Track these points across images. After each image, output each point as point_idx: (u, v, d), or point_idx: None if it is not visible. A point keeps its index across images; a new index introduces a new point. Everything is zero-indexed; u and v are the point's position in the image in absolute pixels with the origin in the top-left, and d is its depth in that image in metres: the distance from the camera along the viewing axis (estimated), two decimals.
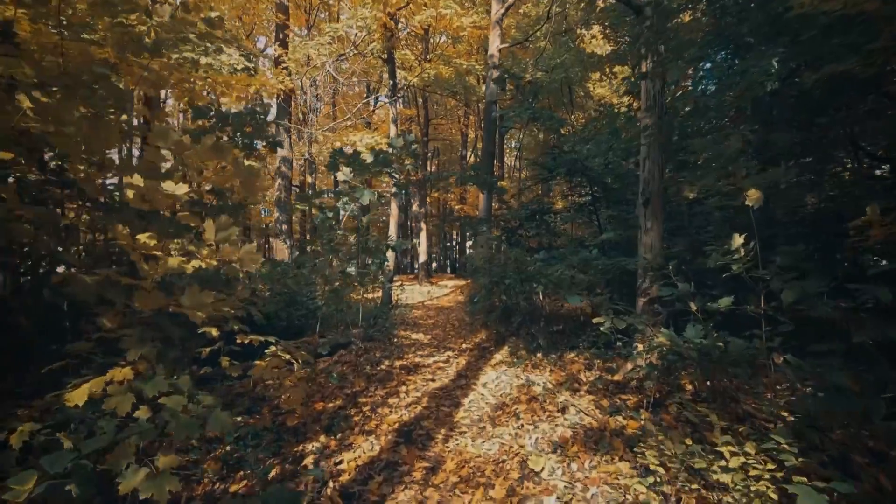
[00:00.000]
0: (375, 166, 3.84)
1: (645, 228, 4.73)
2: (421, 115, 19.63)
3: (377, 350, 6.39)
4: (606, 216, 7.00)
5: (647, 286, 4.63)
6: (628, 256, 6.14)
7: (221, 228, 2.30)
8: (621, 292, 5.42)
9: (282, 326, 6.88)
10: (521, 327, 7.37)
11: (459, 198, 21.39)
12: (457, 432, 3.62)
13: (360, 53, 10.51)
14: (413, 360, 5.96)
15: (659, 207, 4.72)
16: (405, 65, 13.92)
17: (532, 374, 5.11)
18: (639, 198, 4.84)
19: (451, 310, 11.13)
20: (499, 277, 6.35)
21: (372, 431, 3.58)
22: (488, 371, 5.36)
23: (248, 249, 2.39)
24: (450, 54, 13.79)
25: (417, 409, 4.13)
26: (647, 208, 4.70)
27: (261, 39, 22.39)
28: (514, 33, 12.78)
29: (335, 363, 5.94)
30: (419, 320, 9.55)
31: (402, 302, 12.07)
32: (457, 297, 14.17)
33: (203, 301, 2.20)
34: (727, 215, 4.67)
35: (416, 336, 7.70)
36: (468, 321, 9.03)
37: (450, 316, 10.09)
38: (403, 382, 4.90)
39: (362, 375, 5.08)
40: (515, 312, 7.22)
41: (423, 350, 6.64)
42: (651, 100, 4.77)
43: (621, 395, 4.07)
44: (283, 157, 13.14)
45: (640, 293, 4.68)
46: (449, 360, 5.99)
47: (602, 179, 6.42)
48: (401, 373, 5.35)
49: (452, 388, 4.76)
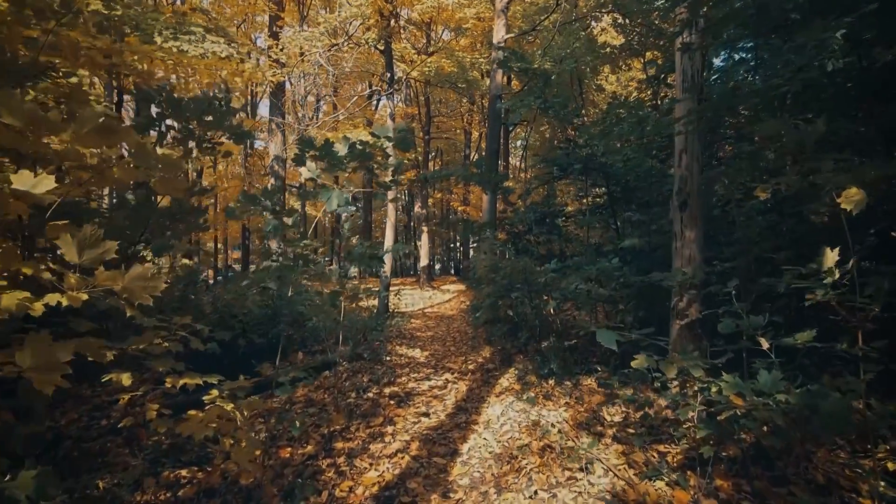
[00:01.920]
0: (352, 160, 3.06)
1: (681, 236, 3.93)
2: (423, 113, 18.87)
3: (365, 373, 5.61)
4: (626, 220, 6.19)
5: (684, 307, 3.83)
6: (653, 266, 5.34)
7: (88, 245, 1.53)
8: (648, 310, 4.62)
9: (261, 345, 6.14)
10: (529, 343, 6.59)
11: (462, 199, 20.60)
12: (452, 499, 2.83)
13: (354, 43, 9.77)
14: (406, 386, 5.18)
15: (698, 211, 3.92)
16: (405, 58, 13.17)
17: (544, 407, 4.32)
18: (673, 199, 4.04)
19: (452, 319, 10.34)
20: (505, 290, 5.56)
21: (343, 501, 2.80)
22: (492, 402, 4.57)
23: (137, 275, 1.62)
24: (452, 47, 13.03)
25: (405, 460, 3.34)
26: (685, 212, 3.91)
27: (259, 38, 21.75)
28: (521, 24, 12.00)
29: (317, 388, 5.18)
30: (417, 331, 8.77)
31: (400, 310, 11.31)
32: (459, 302, 13.39)
33: (54, 359, 1.43)
34: (793, 223, 3.85)
35: (412, 352, 6.93)
36: (470, 334, 8.24)
37: (451, 326, 9.31)
38: (391, 420, 4.12)
39: (343, 409, 4.30)
40: (523, 327, 6.43)
41: (419, 371, 5.86)
42: (689, 80, 3.97)
43: (657, 446, 3.27)
44: (276, 155, 12.43)
45: (676, 314, 3.88)
46: (447, 386, 5.21)
47: (623, 178, 5.62)
48: (390, 403, 4.58)
49: (449, 426, 3.98)
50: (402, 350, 7.04)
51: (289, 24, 12.57)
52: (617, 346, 2.28)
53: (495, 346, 6.75)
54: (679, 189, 3.94)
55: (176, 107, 3.48)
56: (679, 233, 3.92)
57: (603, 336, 2.22)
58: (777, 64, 4.10)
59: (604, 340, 2.20)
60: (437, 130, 23.22)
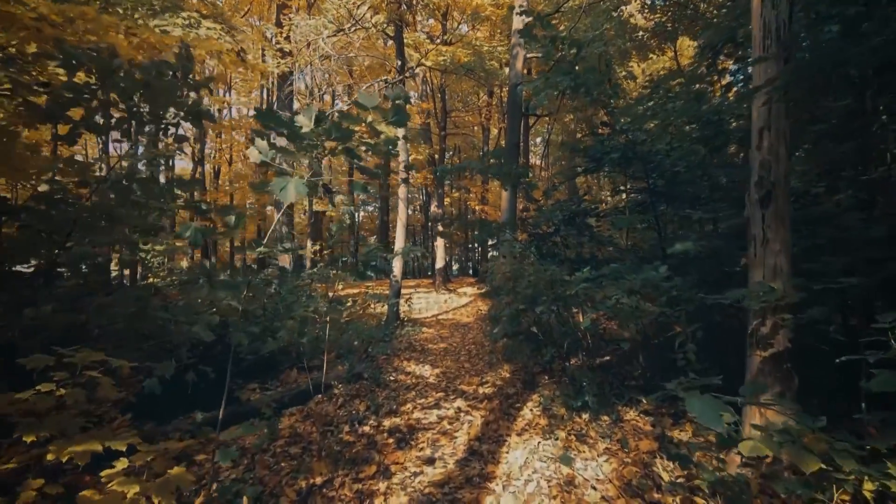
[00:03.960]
0: (326, 138, 2.27)
1: (762, 240, 3.00)
2: (438, 108, 18.06)
3: (364, 398, 4.83)
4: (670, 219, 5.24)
5: (767, 333, 2.91)
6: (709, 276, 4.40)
7: None
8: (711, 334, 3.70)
9: (248, 362, 5.42)
10: (555, 361, 5.70)
11: (480, 197, 19.68)
12: None
13: (362, 27, 9.02)
14: (409, 417, 4.37)
15: (787, 207, 2.99)
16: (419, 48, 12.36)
17: (578, 453, 3.45)
18: (749, 192, 3.12)
19: (468, 328, 9.50)
20: (528, 301, 4.70)
21: None
22: (513, 444, 3.72)
23: None
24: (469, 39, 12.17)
25: None
26: (768, 209, 2.98)
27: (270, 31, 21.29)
28: (544, 6, 11.07)
29: (305, 418, 4.42)
30: (429, 343, 7.95)
31: (412, 317, 10.52)
32: (477, 307, 12.53)
33: None
34: None
35: (420, 370, 6.12)
36: (487, 347, 7.39)
37: (466, 337, 8.46)
38: (387, 469, 3.30)
39: (328, 453, 3.51)
40: (548, 342, 5.55)
41: (427, 395, 5.04)
42: (771, 38, 3.04)
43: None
44: None
45: (757, 343, 2.96)
46: (459, 417, 4.38)
47: (669, 169, 4.68)
48: (388, 442, 3.77)
49: (459, 481, 3.14)
50: (409, 367, 6.24)
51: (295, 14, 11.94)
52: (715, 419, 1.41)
53: (515, 365, 5.89)
54: (760, 179, 3.02)
55: (105, 73, 2.73)
56: (759, 236, 3.00)
57: (699, 408, 1.36)
58: None
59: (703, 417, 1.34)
60: (454, 127, 22.37)
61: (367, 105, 2.43)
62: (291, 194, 2.00)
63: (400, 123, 2.55)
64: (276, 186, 2.01)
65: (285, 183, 2.02)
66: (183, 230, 1.78)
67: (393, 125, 2.55)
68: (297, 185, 2.03)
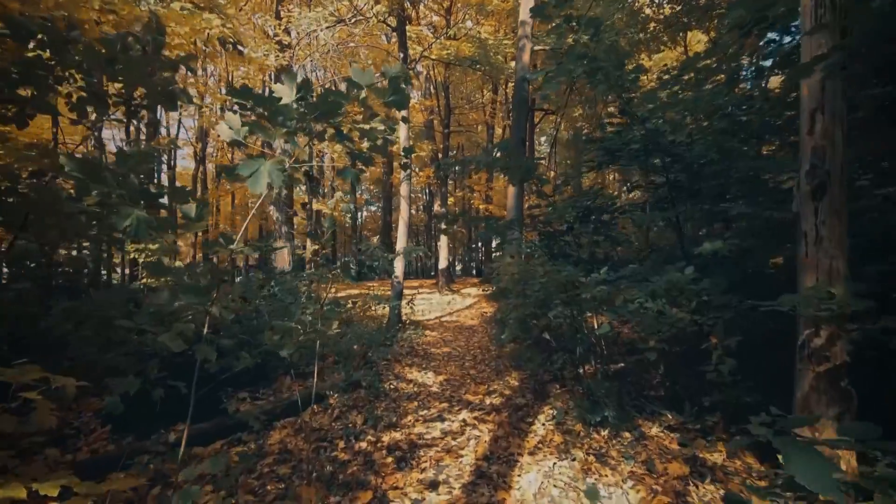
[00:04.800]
0: (309, 114, 1.91)
1: (814, 238, 2.61)
2: (442, 105, 17.69)
3: (362, 409, 4.47)
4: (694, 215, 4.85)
5: (822, 345, 2.52)
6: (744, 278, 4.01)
7: None
8: (752, 344, 3.31)
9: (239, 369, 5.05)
10: (566, 367, 5.32)
11: (484, 196, 19.29)
12: None
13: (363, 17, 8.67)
14: (411, 432, 4.00)
15: (843, 199, 2.60)
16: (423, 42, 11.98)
17: (599, 476, 3.07)
18: (799, 183, 2.74)
19: (473, 330, 9.12)
20: (539, 306, 4.32)
21: None
22: (525, 465, 3.34)
23: None
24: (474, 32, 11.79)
25: None
26: (822, 201, 2.59)
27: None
28: None
29: (297, 432, 4.06)
30: (432, 347, 7.59)
31: (415, 318, 10.16)
32: (481, 308, 12.15)
33: None
34: None
35: (423, 377, 5.75)
36: (493, 352, 7.02)
37: (470, 341, 8.09)
38: (383, 496, 2.94)
39: (319, 475, 3.14)
40: (559, 348, 5.18)
41: (430, 406, 4.67)
42: (825, 6, 2.65)
43: None
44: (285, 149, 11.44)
45: (809, 356, 2.57)
46: (464, 432, 4.01)
47: (695, 161, 4.29)
48: (386, 461, 3.41)
49: None
50: (411, 374, 5.87)
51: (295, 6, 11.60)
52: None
53: (524, 372, 5.52)
54: (812, 167, 2.63)
55: (60, 46, 2.37)
56: (812, 233, 2.62)
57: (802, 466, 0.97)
58: None
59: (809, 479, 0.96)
60: (458, 126, 21.98)
61: (362, 83, 2.07)
62: (263, 181, 1.64)
63: (399, 104, 2.18)
64: (245, 169, 1.65)
65: (257, 166, 1.66)
66: (119, 220, 1.41)
67: (390, 106, 2.19)
68: (270, 169, 1.66)
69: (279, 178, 1.67)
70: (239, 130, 1.77)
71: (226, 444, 3.90)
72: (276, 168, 1.67)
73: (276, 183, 1.66)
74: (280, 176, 1.67)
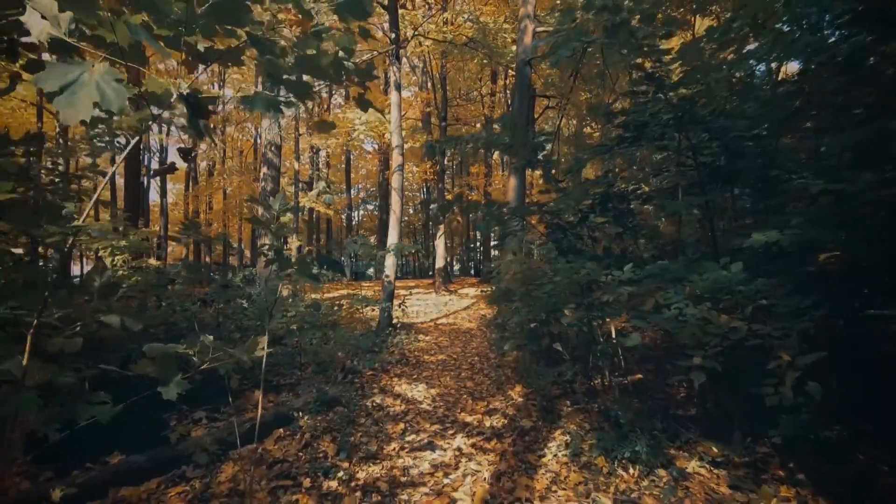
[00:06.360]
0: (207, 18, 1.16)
1: None
2: (438, 97, 16.93)
3: (333, 437, 3.72)
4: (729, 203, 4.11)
5: None
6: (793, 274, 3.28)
7: None
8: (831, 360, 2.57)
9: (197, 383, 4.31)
10: (577, 378, 4.59)
11: (483, 192, 18.54)
12: None
13: None
14: (393, 465, 3.26)
15: None
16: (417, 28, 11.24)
17: None
18: None
19: (471, 334, 8.38)
20: (549, 311, 3.58)
21: None
22: None
23: None
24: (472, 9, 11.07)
25: None
26: None
27: None
28: None
29: (256, 462, 3.31)
30: (425, 354, 6.84)
31: (408, 321, 9.41)
32: (479, 310, 11.41)
33: None
34: None
35: (413, 391, 5.00)
36: (493, 360, 6.28)
37: (468, 346, 7.35)
38: None
39: None
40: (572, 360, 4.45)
41: (418, 429, 3.93)
42: None
43: None
44: (270, 140, 10.69)
45: None
46: (459, 465, 3.27)
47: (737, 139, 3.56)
48: None
49: None
50: (399, 386, 5.12)
51: None
52: None
53: (529, 388, 4.78)
54: None
55: None
56: None
57: None
58: None
59: None
60: (455, 120, 21.20)
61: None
62: (84, 99, 0.89)
63: (355, 10, 1.44)
64: (51, 80, 0.90)
65: (74, 74, 0.92)
66: None
67: (342, 14, 1.44)
68: (99, 80, 0.92)
69: (117, 98, 0.92)
70: (58, 18, 1.03)
71: (164, 482, 3.16)
72: (107, 78, 0.92)
73: (111, 105, 0.92)
74: (117, 94, 0.92)
